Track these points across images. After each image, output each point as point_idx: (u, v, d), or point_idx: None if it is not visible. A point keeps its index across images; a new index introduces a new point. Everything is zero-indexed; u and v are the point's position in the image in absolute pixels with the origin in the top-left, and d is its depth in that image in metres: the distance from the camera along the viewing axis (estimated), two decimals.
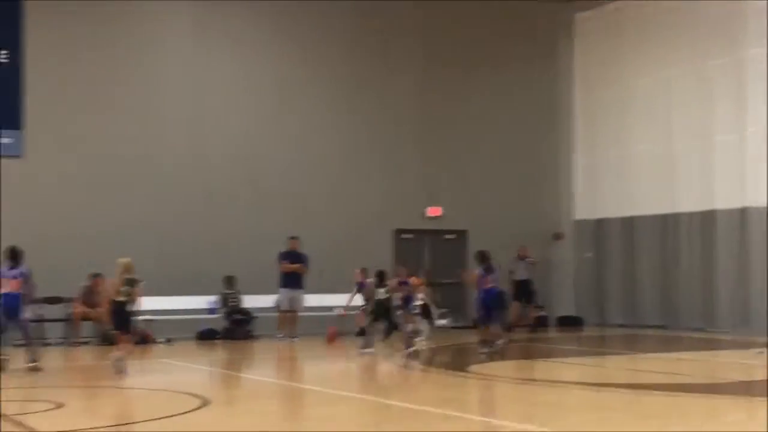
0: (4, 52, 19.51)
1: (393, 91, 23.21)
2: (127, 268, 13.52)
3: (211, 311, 19.91)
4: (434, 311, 18.78)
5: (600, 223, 24.11)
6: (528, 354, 17.17)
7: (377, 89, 23.06)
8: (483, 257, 16.17)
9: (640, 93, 23.13)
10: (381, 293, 16.80)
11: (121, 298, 13.41)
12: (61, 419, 9.02)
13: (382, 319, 16.79)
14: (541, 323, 22.78)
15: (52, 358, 16.36)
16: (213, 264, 20.00)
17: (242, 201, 21.18)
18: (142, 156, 20.47)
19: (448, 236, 23.78)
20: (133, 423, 8.74)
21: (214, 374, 14.42)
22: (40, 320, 18.58)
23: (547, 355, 17.10)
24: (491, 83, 24.22)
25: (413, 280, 19.22)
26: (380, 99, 23.08)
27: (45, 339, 18.52)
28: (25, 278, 13.87)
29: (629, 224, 23.28)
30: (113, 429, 8.41)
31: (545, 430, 8.06)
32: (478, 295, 16.05)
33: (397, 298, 17.69)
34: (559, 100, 25.12)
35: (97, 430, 8.25)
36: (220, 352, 17.87)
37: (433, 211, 23.45)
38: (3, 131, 19.54)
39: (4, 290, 13.64)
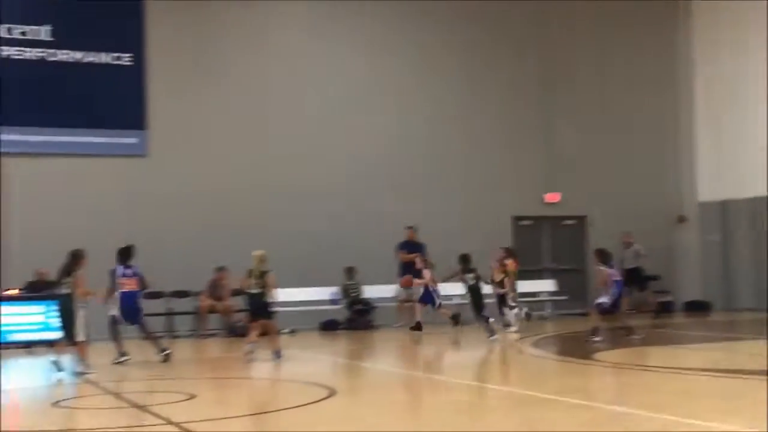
0: (127, 55, 20.16)
1: (510, 78, 23.04)
2: (262, 260, 13.98)
3: (332, 302, 20.18)
4: (509, 300, 18.45)
5: (725, 205, 23.40)
6: (654, 340, 16.80)
7: (494, 75, 22.94)
8: (605, 255, 15.95)
9: (765, 64, 22.29)
10: (470, 279, 16.83)
11: (256, 290, 13.83)
12: (195, 410, 9.27)
13: (478, 305, 16.75)
14: (666, 309, 22.28)
15: (182, 350, 16.83)
16: (334, 255, 20.27)
17: (360, 192, 21.38)
18: (262, 152, 20.89)
19: (567, 222, 23.49)
20: (264, 413, 8.92)
21: (338, 364, 14.60)
22: (169, 313, 19.21)
23: (674, 341, 16.73)
24: (610, 65, 23.80)
25: (509, 263, 18.95)
26: (497, 85, 22.94)
27: (174, 332, 19.14)
28: (140, 277, 14.35)
29: (756, 205, 22.52)
30: (246, 419, 8.60)
31: (678, 418, 7.88)
32: (615, 289, 15.78)
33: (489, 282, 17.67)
34: (679, 78, 24.49)
35: (230, 419, 8.46)
36: (342, 342, 18.07)
37: (552, 197, 23.17)
38: (128, 131, 20.21)
39: (123, 289, 14.08)
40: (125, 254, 14.32)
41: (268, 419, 8.59)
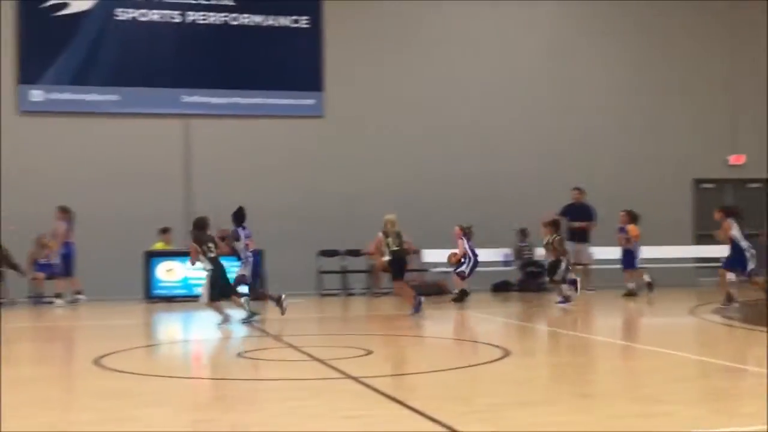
0: (305, 18, 20.57)
1: (695, 36, 22.17)
2: (395, 223, 14.64)
3: (505, 263, 20.11)
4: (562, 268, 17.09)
5: None
6: None
7: (678, 33, 22.14)
8: (731, 211, 15.68)
9: None
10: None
11: (396, 248, 14.37)
12: (371, 365, 9.46)
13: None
14: None
15: (357, 307, 17.22)
16: (507, 217, 20.16)
17: (535, 153, 21.17)
18: (438, 113, 21.01)
19: (752, 185, 22.48)
20: (440, 371, 8.99)
21: (511, 325, 14.54)
22: (344, 271, 19.63)
23: None
24: None
25: (632, 228, 18.08)
26: (681, 43, 22.15)
27: (348, 289, 19.57)
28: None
29: None
30: (423, 376, 8.70)
31: None
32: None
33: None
34: None
35: (407, 376, 8.58)
36: (515, 303, 18.00)
37: (737, 158, 22.20)
38: (305, 93, 20.66)
39: (251, 249, 14.27)
40: (243, 216, 14.32)
41: (444, 377, 8.65)
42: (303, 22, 20.60)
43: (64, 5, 19.59)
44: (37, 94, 19.51)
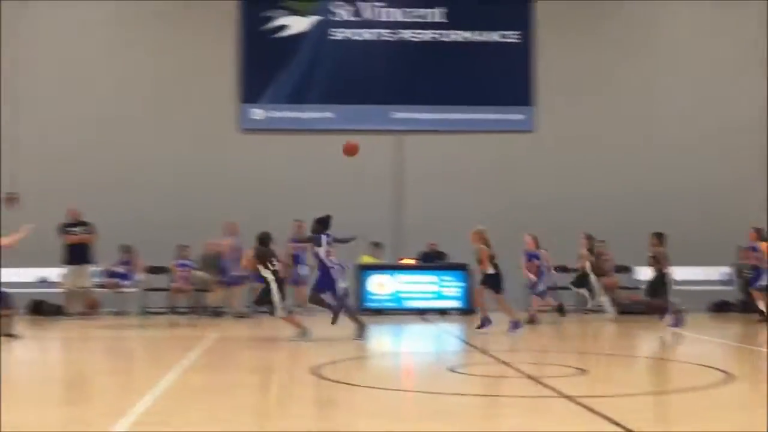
0: (515, 32, 20.52)
1: None
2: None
3: (724, 282, 19.23)
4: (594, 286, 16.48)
5: None
6: None
7: None
8: (760, 232, 15.71)
9: None
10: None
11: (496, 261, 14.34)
12: (587, 385, 9.25)
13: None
14: None
15: (568, 324, 16.90)
16: (727, 234, 19.27)
17: (750, 164, 20.24)
18: (649, 130, 20.59)
19: None
20: (658, 393, 8.68)
21: (731, 348, 13.86)
22: (554, 288, 19.26)
23: None
24: None
25: (763, 245, 16.43)
26: None
27: (559, 305, 19.15)
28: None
29: None
30: (641, 398, 8.41)
31: None
32: None
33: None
34: None
35: (625, 398, 8.32)
36: (735, 325, 17.15)
37: None
38: (515, 108, 20.59)
39: (332, 257, 13.54)
40: (328, 224, 13.59)
41: (663, 399, 8.34)
42: (513, 36, 20.56)
43: (284, 27, 20.43)
44: (257, 113, 20.43)
